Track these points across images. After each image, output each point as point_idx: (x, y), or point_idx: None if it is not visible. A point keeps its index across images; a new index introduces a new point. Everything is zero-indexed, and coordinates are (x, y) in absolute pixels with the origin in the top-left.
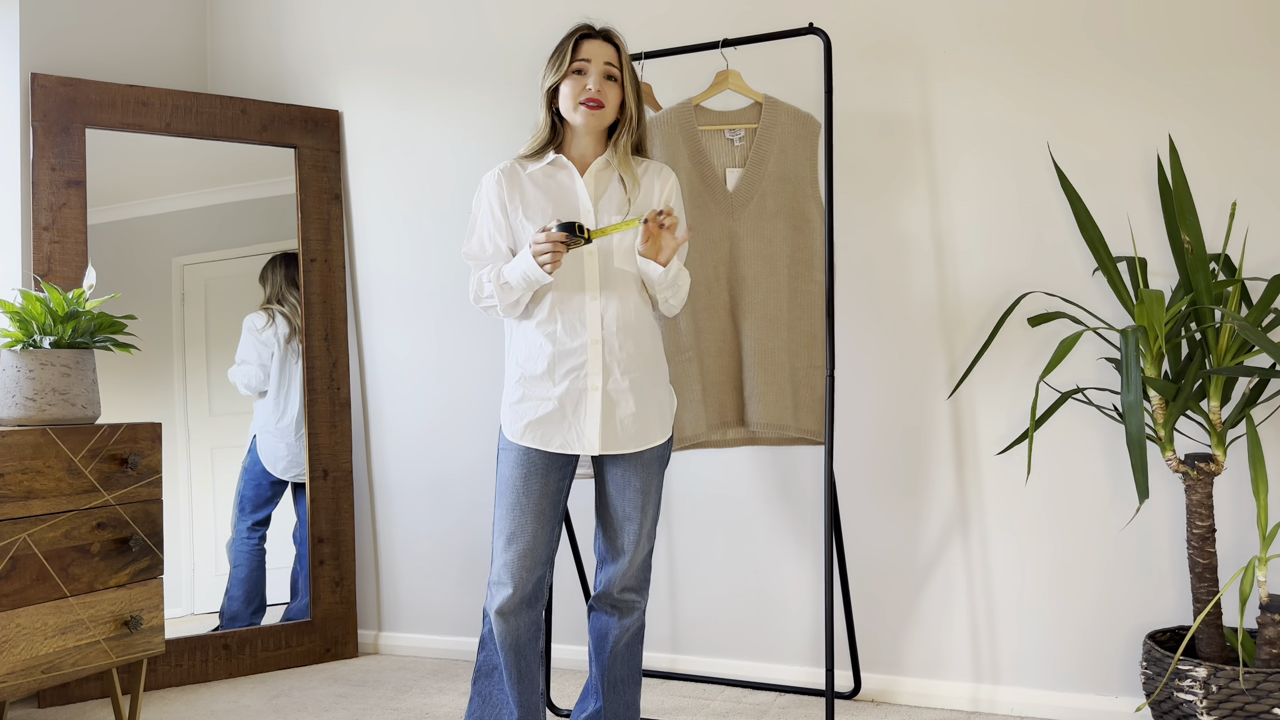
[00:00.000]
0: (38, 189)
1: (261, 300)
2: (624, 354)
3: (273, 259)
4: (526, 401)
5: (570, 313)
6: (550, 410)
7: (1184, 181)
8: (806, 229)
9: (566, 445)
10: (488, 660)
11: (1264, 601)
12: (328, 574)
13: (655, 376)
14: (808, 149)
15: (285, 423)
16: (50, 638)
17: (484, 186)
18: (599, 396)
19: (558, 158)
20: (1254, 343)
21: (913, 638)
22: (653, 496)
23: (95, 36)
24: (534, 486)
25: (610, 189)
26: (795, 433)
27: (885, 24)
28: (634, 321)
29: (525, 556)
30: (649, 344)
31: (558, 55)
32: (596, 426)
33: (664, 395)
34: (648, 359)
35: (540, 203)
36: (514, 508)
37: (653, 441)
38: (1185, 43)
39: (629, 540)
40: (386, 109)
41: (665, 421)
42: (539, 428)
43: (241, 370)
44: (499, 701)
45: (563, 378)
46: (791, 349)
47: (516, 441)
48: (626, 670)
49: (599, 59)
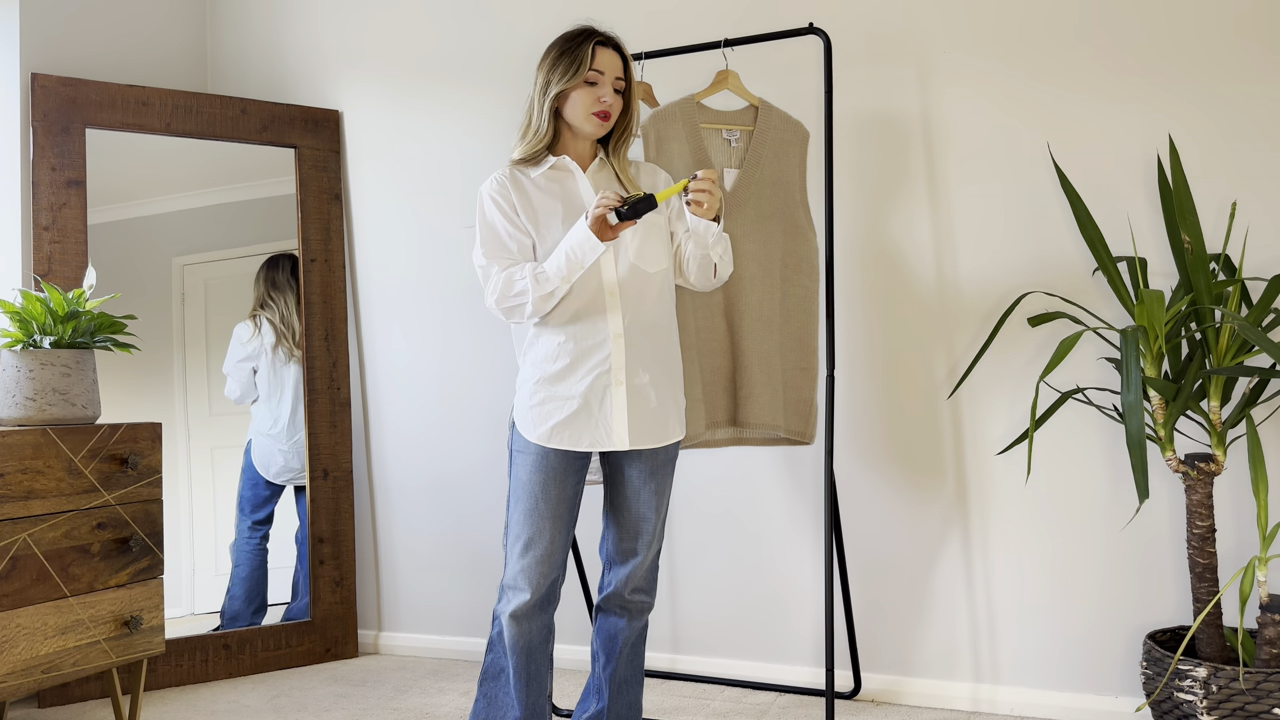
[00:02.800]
0: (38, 189)
1: (251, 306)
2: (645, 350)
3: (264, 262)
4: (549, 403)
5: (592, 311)
6: (575, 409)
7: (1184, 182)
8: (797, 235)
9: (595, 443)
10: (495, 663)
11: (1264, 601)
12: (328, 574)
13: (673, 374)
14: (797, 155)
15: (277, 429)
16: (50, 638)
17: (487, 195)
18: (624, 391)
19: (561, 160)
20: (1254, 343)
21: (913, 638)
22: (665, 497)
23: (95, 36)
24: (552, 491)
25: (607, 189)
26: (784, 433)
27: (885, 24)
28: (654, 319)
29: (543, 562)
30: (667, 342)
31: (570, 60)
32: (624, 421)
33: (680, 393)
34: (667, 356)
35: (549, 206)
36: (532, 513)
37: (674, 436)
38: (1186, 43)
39: (643, 541)
40: (386, 109)
41: (682, 419)
42: (566, 428)
43: (227, 384)
44: (504, 704)
45: (587, 374)
46: (783, 351)
47: (543, 444)
48: (630, 670)
49: (611, 72)
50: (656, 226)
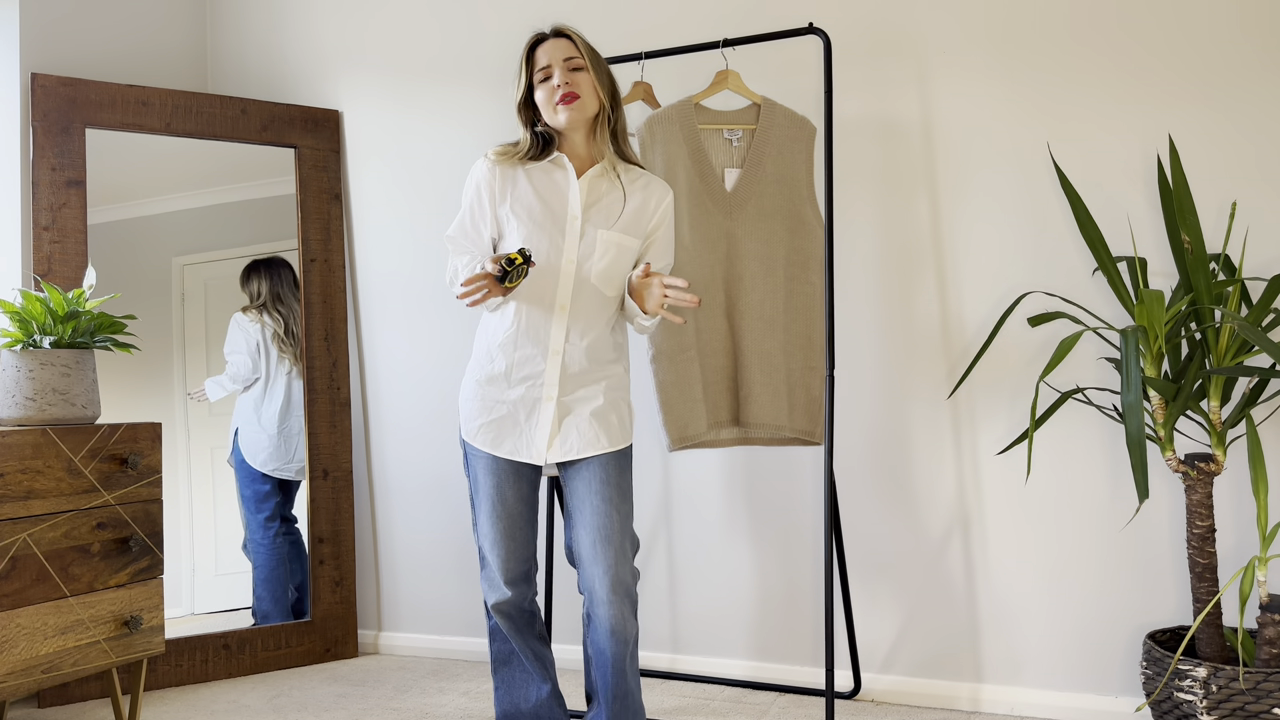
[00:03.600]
0: (38, 189)
1: (249, 305)
2: (583, 368)
3: (254, 264)
4: (480, 401)
5: (536, 322)
6: (503, 414)
7: (1184, 181)
8: (802, 231)
9: (515, 452)
10: (500, 650)
11: (1264, 601)
12: (328, 574)
13: (616, 390)
14: (803, 152)
15: (269, 414)
16: (50, 638)
17: (475, 172)
18: (553, 406)
19: (558, 157)
20: (1254, 343)
21: (913, 638)
22: (624, 490)
23: (95, 36)
24: (507, 493)
25: (603, 199)
26: (790, 433)
27: (885, 24)
28: (598, 340)
29: (510, 558)
30: (610, 358)
31: (519, 69)
32: (546, 435)
33: (624, 407)
34: (608, 376)
35: (529, 199)
36: (492, 514)
37: (602, 448)
38: (1186, 42)
39: (605, 538)
40: (386, 109)
41: (626, 431)
42: (491, 430)
43: (233, 361)
44: (523, 682)
45: (518, 383)
46: (787, 350)
47: (470, 441)
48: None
49: (558, 57)
50: (627, 250)
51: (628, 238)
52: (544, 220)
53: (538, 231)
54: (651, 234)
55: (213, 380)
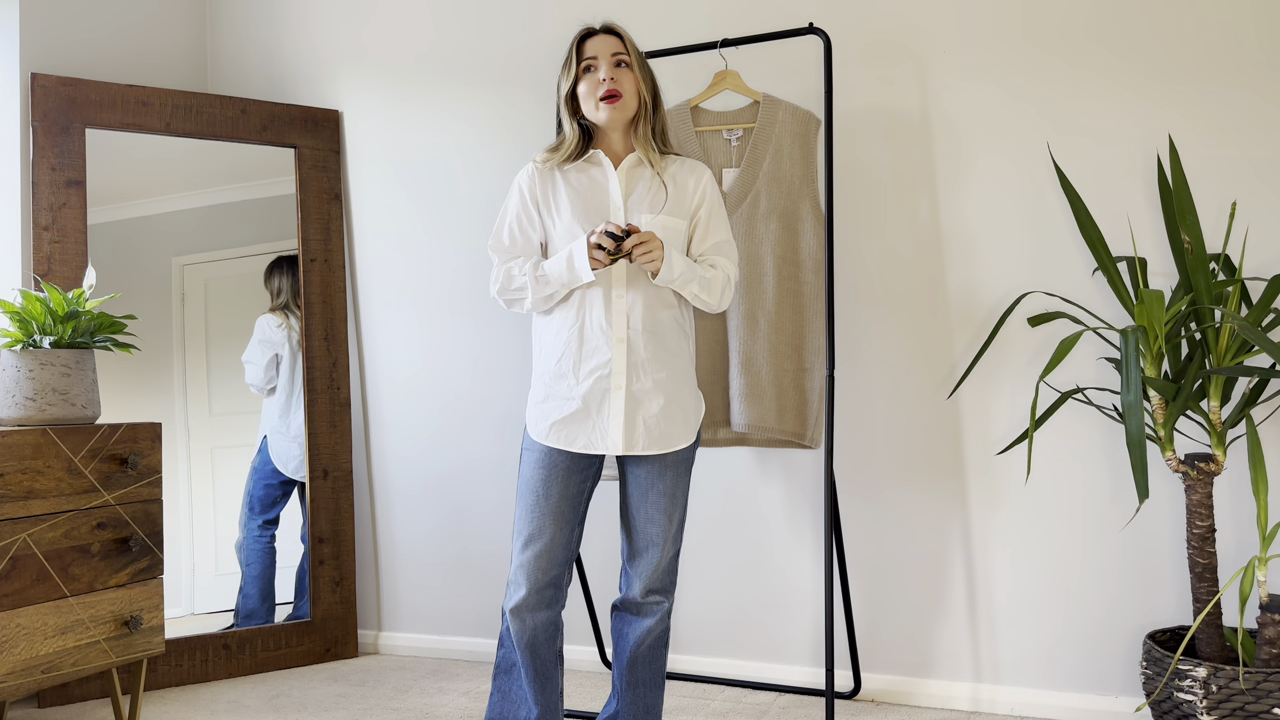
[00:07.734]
0: (38, 189)
1: (271, 304)
2: (649, 354)
3: (278, 261)
4: (550, 400)
5: (596, 311)
6: (575, 410)
7: (1184, 181)
8: (799, 229)
9: (590, 445)
10: (506, 657)
11: (1264, 601)
12: (328, 574)
13: (682, 378)
14: (805, 146)
15: (295, 425)
16: (50, 638)
17: (516, 182)
18: (623, 396)
19: (594, 154)
20: (1254, 343)
21: (913, 638)
22: (678, 500)
23: (95, 36)
24: (554, 489)
25: (641, 187)
26: (779, 434)
27: (885, 24)
28: (661, 322)
29: (541, 558)
30: (675, 345)
31: (566, 60)
32: (620, 426)
33: (690, 398)
34: (674, 360)
35: (570, 199)
36: (533, 509)
37: (675, 445)
38: (1186, 43)
39: (653, 543)
40: (386, 109)
41: (690, 425)
42: (564, 427)
43: (246, 370)
44: (518, 698)
45: (587, 376)
46: (776, 351)
47: (541, 441)
48: (649, 673)
49: (605, 51)
50: (674, 231)
51: (673, 219)
52: (587, 216)
53: (583, 226)
54: (695, 212)
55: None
